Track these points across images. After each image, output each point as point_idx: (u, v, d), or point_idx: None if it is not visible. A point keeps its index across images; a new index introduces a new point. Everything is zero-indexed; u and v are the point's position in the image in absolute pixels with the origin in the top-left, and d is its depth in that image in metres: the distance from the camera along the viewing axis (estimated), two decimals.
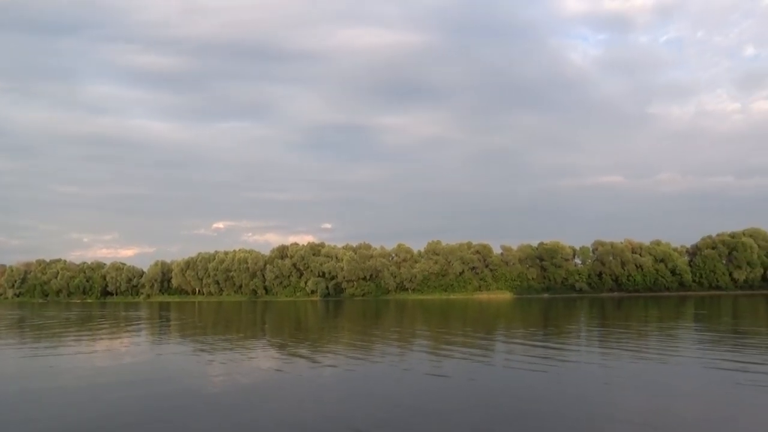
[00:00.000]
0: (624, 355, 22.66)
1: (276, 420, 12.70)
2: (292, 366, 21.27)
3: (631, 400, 14.61)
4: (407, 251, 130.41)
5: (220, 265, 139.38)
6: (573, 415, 12.92)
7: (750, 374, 17.34)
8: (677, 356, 22.07)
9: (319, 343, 29.69)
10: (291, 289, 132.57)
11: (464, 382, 17.50)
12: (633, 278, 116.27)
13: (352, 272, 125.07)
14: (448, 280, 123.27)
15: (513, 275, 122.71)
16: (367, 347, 27.03)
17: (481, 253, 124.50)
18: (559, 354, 23.28)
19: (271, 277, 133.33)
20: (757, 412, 13.03)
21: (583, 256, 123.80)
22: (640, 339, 29.45)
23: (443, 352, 24.82)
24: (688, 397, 14.66)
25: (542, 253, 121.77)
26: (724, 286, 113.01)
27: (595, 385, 16.53)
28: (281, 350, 26.67)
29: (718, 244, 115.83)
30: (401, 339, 31.53)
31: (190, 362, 22.30)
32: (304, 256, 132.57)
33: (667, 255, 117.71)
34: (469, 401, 14.44)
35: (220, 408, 13.73)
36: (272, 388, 16.63)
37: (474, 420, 12.53)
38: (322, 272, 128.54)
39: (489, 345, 28.01)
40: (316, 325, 45.48)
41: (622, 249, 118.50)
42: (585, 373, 18.81)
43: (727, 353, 22.66)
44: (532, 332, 34.88)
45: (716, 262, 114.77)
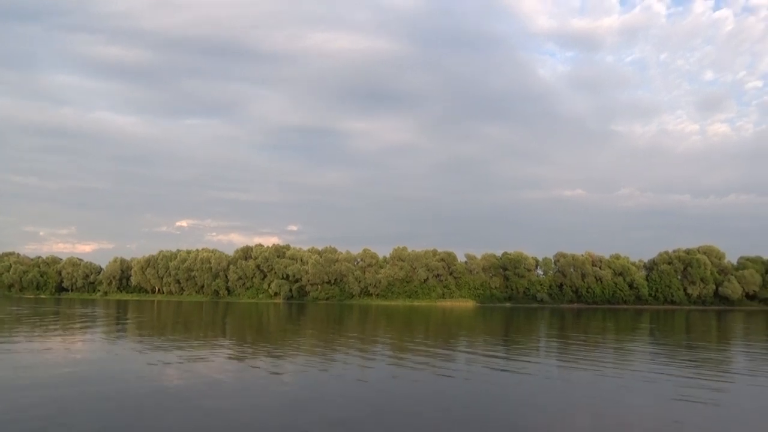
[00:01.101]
0: (580, 366, 23.09)
1: (209, 427, 12.48)
2: (244, 369, 20.99)
3: (581, 410, 14.88)
4: (372, 256, 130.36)
5: (181, 264, 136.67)
6: (525, 423, 13.10)
7: (693, 389, 17.90)
8: (630, 369, 22.62)
9: (278, 347, 29.37)
10: (254, 291, 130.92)
11: (417, 389, 17.55)
12: (592, 290, 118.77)
13: (316, 276, 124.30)
14: (413, 286, 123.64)
15: (476, 284, 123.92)
16: (326, 353, 26.87)
17: (446, 260, 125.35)
18: (517, 364, 23.58)
19: (234, 278, 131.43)
20: (698, 426, 13.43)
21: (545, 267, 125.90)
22: (597, 350, 30.07)
23: (401, 359, 24.85)
24: (636, 410, 15.02)
25: (505, 262, 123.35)
26: (678, 300, 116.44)
27: (548, 395, 16.79)
28: (239, 353, 26.29)
29: (674, 260, 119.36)
30: (362, 345, 31.46)
31: (139, 363, 21.76)
32: (269, 258, 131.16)
33: (626, 269, 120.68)
34: (415, 409, 14.48)
35: (147, 411, 13.45)
36: (214, 392, 16.34)
37: (415, 428, 12.57)
38: (286, 275, 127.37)
39: (449, 353, 28.17)
40: (278, 329, 45.00)
41: (583, 261, 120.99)
42: (540, 382, 19.10)
43: (676, 367, 23.33)
44: (492, 341, 35.26)
45: (672, 277, 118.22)
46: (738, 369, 23.49)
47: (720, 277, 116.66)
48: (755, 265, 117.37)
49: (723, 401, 16.16)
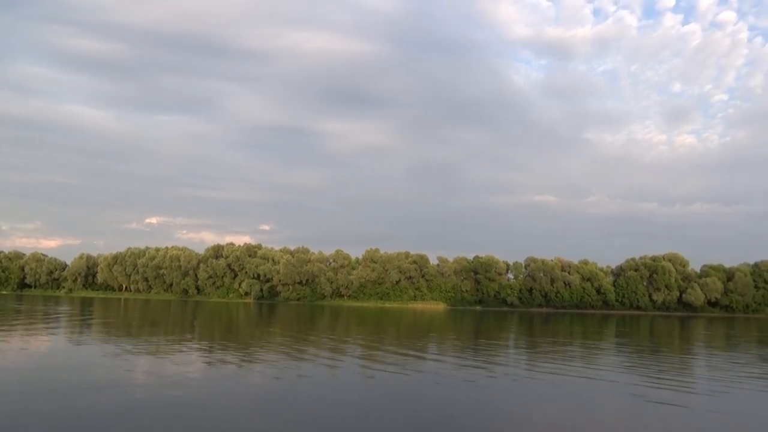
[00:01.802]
0: (547, 368, 23.44)
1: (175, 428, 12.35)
2: (212, 370, 20.76)
3: (548, 412, 15.12)
4: (345, 257, 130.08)
5: (150, 262, 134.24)
6: (492, 424, 13.27)
7: (655, 390, 18.36)
8: (596, 371, 23.06)
9: (247, 348, 29.11)
10: (224, 290, 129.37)
11: (386, 390, 17.60)
12: (561, 295, 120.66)
13: (288, 276, 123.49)
14: (385, 288, 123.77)
15: (448, 286, 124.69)
16: (295, 354, 26.74)
17: (418, 263, 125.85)
18: (486, 366, 23.82)
19: (204, 276, 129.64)
20: (658, 427, 13.79)
21: (516, 271, 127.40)
22: (565, 354, 30.56)
23: (371, 360, 24.88)
24: (601, 412, 15.34)
25: (477, 266, 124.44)
26: (643, 306, 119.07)
27: (514, 398, 17.02)
28: (207, 353, 25.98)
29: (641, 267, 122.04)
30: (333, 346, 31.38)
31: (104, 363, 21.33)
32: (240, 257, 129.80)
33: (594, 274, 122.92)
34: (384, 410, 14.54)
35: (111, 413, 13.24)
36: (181, 393, 16.14)
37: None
38: (258, 274, 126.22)
39: (419, 355, 28.28)
40: (247, 329, 44.57)
41: (553, 266, 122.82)
42: (507, 385, 19.34)
43: (640, 370, 23.88)
44: (462, 344, 35.54)
45: (638, 283, 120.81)
46: (700, 374, 24.18)
47: (684, 284, 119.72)
48: (717, 273, 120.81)
49: (684, 405, 16.61)
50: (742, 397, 18.16)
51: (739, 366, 27.02)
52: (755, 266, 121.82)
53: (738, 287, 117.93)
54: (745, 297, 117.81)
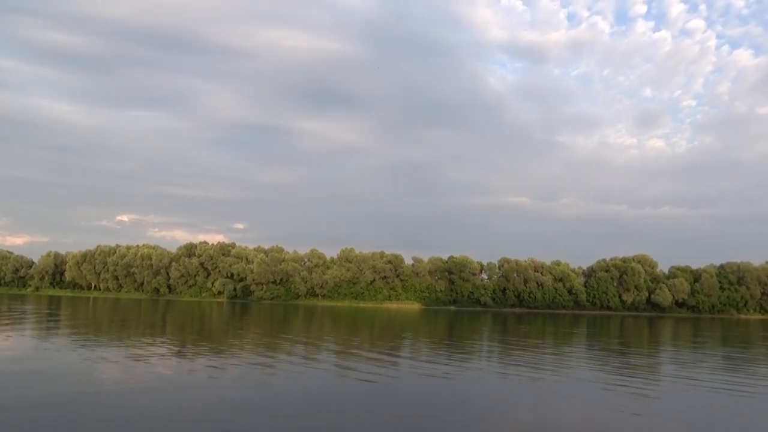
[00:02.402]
0: (520, 367, 23.72)
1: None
2: (183, 369, 20.50)
3: (516, 411, 15.31)
4: (320, 257, 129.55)
5: (120, 260, 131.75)
6: (463, 423, 13.38)
7: (622, 388, 18.74)
8: (567, 371, 23.42)
9: (219, 347, 28.80)
10: (196, 289, 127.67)
11: (359, 390, 17.61)
12: (534, 295, 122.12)
13: (262, 275, 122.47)
14: (359, 288, 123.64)
15: (422, 286, 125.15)
16: (268, 354, 26.56)
17: (393, 263, 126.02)
18: (459, 366, 23.99)
19: (176, 275, 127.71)
20: (627, 425, 14.08)
21: (490, 272, 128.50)
22: (536, 353, 30.96)
23: (345, 360, 24.85)
24: (570, 410, 15.59)
25: (451, 266, 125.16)
26: (613, 306, 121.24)
27: (485, 396, 17.18)
28: (178, 353, 25.63)
29: (611, 268, 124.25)
30: (306, 346, 31.25)
31: (72, 362, 20.90)
32: (213, 256, 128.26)
33: (566, 275, 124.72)
34: (357, 409, 14.55)
35: (81, 412, 13.00)
36: (151, 392, 15.92)
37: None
38: (231, 273, 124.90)
39: (393, 355, 28.34)
40: (220, 328, 44.09)
41: (526, 267, 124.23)
42: (478, 384, 19.52)
43: (610, 370, 24.34)
44: (436, 344, 35.71)
45: (608, 284, 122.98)
46: (666, 372, 24.74)
47: (652, 285, 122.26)
48: (684, 274, 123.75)
49: (650, 403, 16.99)
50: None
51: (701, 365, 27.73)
52: (720, 268, 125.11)
53: (704, 288, 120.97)
54: (711, 298, 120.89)
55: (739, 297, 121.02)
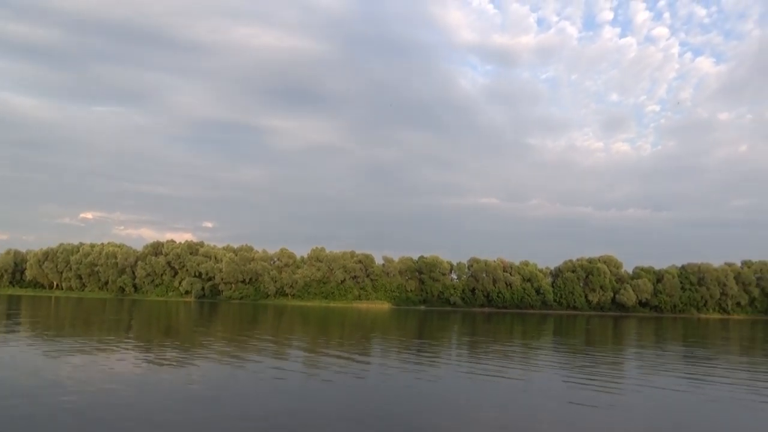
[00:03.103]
0: (487, 368, 23.99)
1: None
2: (148, 370, 20.15)
3: (485, 410, 15.49)
4: (290, 256, 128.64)
5: (84, 258, 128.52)
6: (432, 423, 13.47)
7: (585, 389, 19.13)
8: (534, 370, 23.79)
9: (186, 348, 28.37)
10: (163, 289, 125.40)
11: (328, 389, 17.58)
12: (502, 295, 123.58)
13: (230, 274, 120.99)
14: (329, 287, 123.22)
15: (393, 286, 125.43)
16: (236, 353, 26.28)
17: (364, 262, 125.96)
18: (428, 366, 24.14)
19: (142, 274, 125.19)
20: (594, 420, 14.39)
21: (459, 272, 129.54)
22: (504, 353, 31.35)
23: (314, 359, 24.76)
24: (539, 407, 15.85)
25: (422, 266, 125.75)
26: (580, 306, 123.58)
27: (454, 396, 17.33)
28: (144, 353, 25.17)
29: (577, 268, 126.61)
30: (275, 345, 31.02)
31: (32, 363, 20.33)
32: (181, 255, 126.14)
33: (534, 275, 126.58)
34: (325, 409, 14.53)
35: (41, 416, 12.68)
36: (114, 393, 15.61)
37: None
38: (199, 272, 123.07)
39: (362, 355, 28.35)
40: (187, 328, 43.42)
41: (495, 267, 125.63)
42: (447, 384, 19.68)
43: (575, 369, 24.82)
44: (406, 343, 35.85)
45: (575, 284, 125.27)
46: (629, 371, 25.35)
47: (617, 285, 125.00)
48: (648, 274, 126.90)
49: (615, 401, 17.39)
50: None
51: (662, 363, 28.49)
52: (682, 269, 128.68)
53: (666, 288, 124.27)
54: (673, 298, 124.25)
55: (699, 297, 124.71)
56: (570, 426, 13.97)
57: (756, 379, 23.91)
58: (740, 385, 21.48)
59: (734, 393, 19.47)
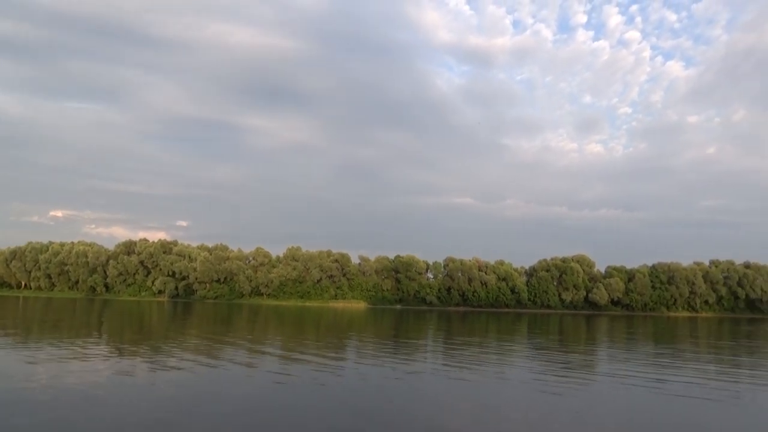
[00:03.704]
0: (463, 365, 24.18)
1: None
2: (119, 372, 19.85)
3: (461, 405, 15.64)
4: (265, 255, 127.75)
5: (53, 258, 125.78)
6: (409, 419, 13.54)
7: (553, 385, 19.43)
8: (509, 367, 24.06)
9: (158, 348, 27.99)
10: (136, 288, 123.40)
11: (304, 389, 17.54)
12: (478, 294, 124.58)
13: (205, 273, 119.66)
14: (305, 287, 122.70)
15: (369, 285, 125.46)
16: (210, 354, 26.03)
17: (340, 262, 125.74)
18: (405, 363, 24.23)
19: (113, 273, 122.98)
20: (561, 419, 14.63)
21: (435, 271, 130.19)
22: (480, 351, 31.63)
23: (289, 360, 24.65)
24: (510, 405, 16.06)
25: (398, 265, 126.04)
26: (554, 305, 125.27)
27: (431, 392, 17.45)
28: (115, 354, 24.77)
29: (551, 267, 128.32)
30: (250, 345, 30.79)
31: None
32: (154, 254, 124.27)
33: (509, 274, 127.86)
34: (301, 410, 14.51)
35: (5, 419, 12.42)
36: (84, 395, 15.36)
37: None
38: (173, 272, 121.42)
39: (338, 354, 28.32)
40: (160, 328, 42.81)
41: (470, 266, 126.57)
42: (424, 380, 19.79)
43: (550, 365, 25.18)
44: (382, 342, 35.91)
45: (549, 283, 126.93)
46: (601, 366, 25.81)
47: (590, 284, 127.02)
48: (620, 274, 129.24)
49: (586, 397, 17.70)
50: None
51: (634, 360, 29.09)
52: (653, 268, 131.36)
53: (637, 287, 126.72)
54: (644, 296, 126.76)
55: (669, 296, 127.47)
56: (542, 417, 14.19)
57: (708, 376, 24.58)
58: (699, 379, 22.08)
59: (691, 388, 20.01)
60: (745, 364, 29.19)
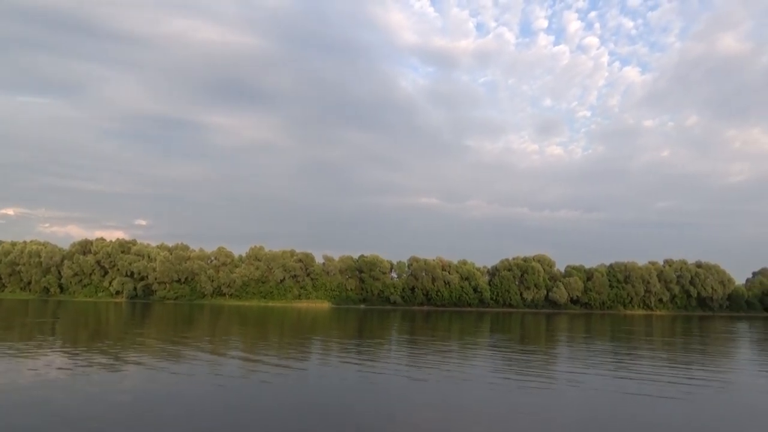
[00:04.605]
0: (426, 365, 24.32)
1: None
2: (73, 376, 19.25)
3: (426, 403, 15.72)
4: (228, 255, 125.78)
5: (4, 257, 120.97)
6: (377, 417, 13.53)
7: (525, 382, 19.75)
8: (470, 367, 24.31)
9: (115, 351, 27.25)
10: (92, 289, 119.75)
11: (267, 391, 17.35)
12: (441, 293, 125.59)
13: (165, 273, 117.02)
14: (268, 287, 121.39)
15: (333, 285, 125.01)
16: (170, 356, 25.48)
17: (304, 261, 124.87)
18: (368, 363, 24.21)
19: (68, 274, 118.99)
20: (524, 413, 14.87)
21: (399, 271, 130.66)
22: (442, 350, 31.87)
23: (251, 361, 24.35)
24: (471, 405, 16.23)
25: (362, 265, 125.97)
26: (515, 304, 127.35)
27: (397, 391, 17.48)
28: (69, 358, 24.00)
29: (513, 267, 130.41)
30: (211, 347, 30.27)
31: None
32: (111, 253, 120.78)
33: (472, 274, 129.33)
34: (265, 411, 14.36)
35: None
36: (36, 400, 14.85)
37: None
38: (131, 272, 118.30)
39: (302, 354, 28.11)
40: (117, 330, 41.68)
41: (434, 266, 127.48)
42: (389, 379, 19.82)
43: (509, 365, 25.57)
44: (346, 342, 35.82)
45: (510, 282, 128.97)
46: (560, 364, 26.35)
47: (550, 284, 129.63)
48: (579, 273, 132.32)
49: (547, 395, 18.04)
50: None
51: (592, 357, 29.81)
52: (610, 267, 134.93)
53: (596, 286, 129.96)
54: (602, 295, 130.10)
55: (625, 294, 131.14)
56: (502, 416, 14.39)
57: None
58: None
59: (643, 384, 20.65)
60: (696, 362, 30.26)
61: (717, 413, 16.39)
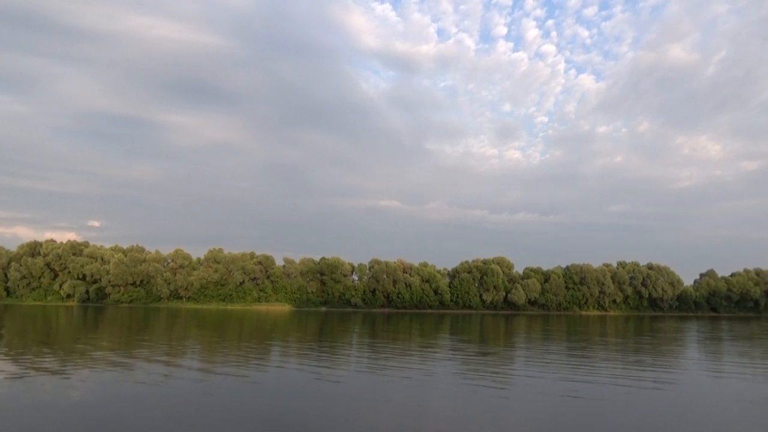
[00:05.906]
0: (386, 367, 24.35)
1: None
2: (20, 384, 18.53)
3: (382, 410, 15.74)
4: (185, 257, 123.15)
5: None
6: (339, 417, 13.45)
7: (483, 380, 19.99)
8: (431, 368, 24.48)
9: (63, 358, 26.32)
10: (41, 292, 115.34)
11: (224, 395, 17.07)
12: (402, 296, 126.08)
13: (119, 276, 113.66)
14: (227, 289, 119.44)
15: (293, 288, 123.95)
16: (120, 362, 24.77)
17: (264, 264, 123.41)
18: (329, 365, 24.09)
19: (16, 276, 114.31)
20: (488, 413, 15.07)
21: (360, 273, 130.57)
22: (404, 351, 31.98)
23: (206, 366, 23.90)
24: (431, 405, 16.34)
25: (323, 267, 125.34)
26: (475, 306, 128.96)
27: (358, 391, 17.45)
28: (15, 365, 23.07)
29: (473, 269, 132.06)
30: (168, 351, 29.56)
31: None
32: (62, 255, 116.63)
33: (432, 276, 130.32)
34: (228, 415, 14.13)
35: None
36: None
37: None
38: (83, 275, 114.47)
39: (260, 358, 27.76)
40: (67, 336, 40.25)
41: (395, 268, 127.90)
42: (350, 379, 19.76)
43: (468, 366, 25.85)
44: (306, 345, 35.55)
45: (470, 284, 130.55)
46: (518, 364, 26.82)
47: (509, 285, 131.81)
48: (536, 275, 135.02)
49: (508, 393, 18.32)
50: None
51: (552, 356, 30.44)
52: (566, 269, 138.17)
53: (552, 288, 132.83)
54: (558, 296, 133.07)
55: (581, 295, 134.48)
56: (461, 417, 14.54)
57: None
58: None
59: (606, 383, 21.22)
60: (644, 362, 31.27)
61: (653, 414, 16.99)
